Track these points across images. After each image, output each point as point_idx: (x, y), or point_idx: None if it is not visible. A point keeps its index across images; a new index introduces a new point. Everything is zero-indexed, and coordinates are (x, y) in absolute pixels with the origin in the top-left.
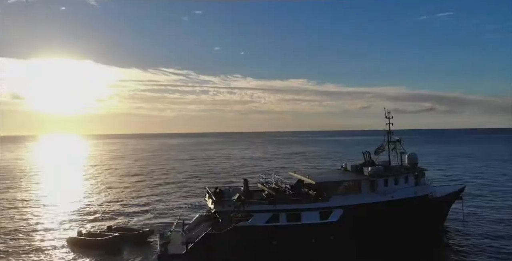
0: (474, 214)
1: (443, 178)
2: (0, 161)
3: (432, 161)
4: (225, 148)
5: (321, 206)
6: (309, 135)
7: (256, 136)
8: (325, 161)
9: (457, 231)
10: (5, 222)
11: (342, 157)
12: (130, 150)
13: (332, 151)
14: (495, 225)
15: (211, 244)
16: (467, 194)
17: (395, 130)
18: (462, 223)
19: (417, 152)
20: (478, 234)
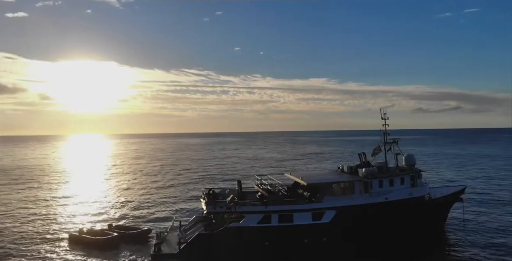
0: (476, 216)
1: (456, 179)
2: (24, 160)
3: (451, 163)
4: (241, 148)
5: (314, 207)
6: (329, 135)
7: (275, 136)
8: (339, 161)
9: (456, 233)
10: (12, 218)
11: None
12: (149, 150)
13: (350, 151)
14: (496, 227)
15: (203, 244)
16: (475, 195)
17: (419, 129)
18: (462, 225)
19: (437, 153)
20: (478, 236)
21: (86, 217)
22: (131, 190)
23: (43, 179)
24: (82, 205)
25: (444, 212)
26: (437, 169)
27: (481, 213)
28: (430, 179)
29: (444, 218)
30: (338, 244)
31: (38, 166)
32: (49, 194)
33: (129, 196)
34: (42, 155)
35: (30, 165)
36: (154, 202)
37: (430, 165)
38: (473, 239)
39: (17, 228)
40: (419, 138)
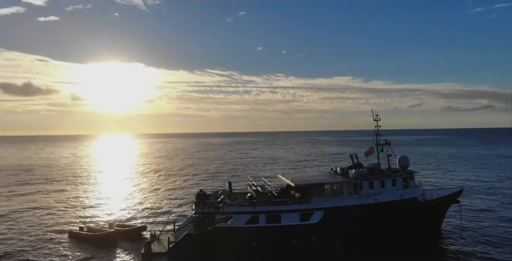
0: (474, 218)
1: (465, 181)
2: (51, 159)
3: (470, 164)
4: (259, 148)
5: (302, 208)
6: (352, 135)
7: (296, 136)
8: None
9: (452, 235)
10: (20, 214)
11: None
12: (170, 150)
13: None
14: (494, 229)
15: (191, 244)
16: (480, 197)
17: (448, 129)
18: (459, 227)
19: (457, 154)
20: (474, 238)
21: (90, 215)
22: (140, 189)
23: (62, 177)
24: (91, 202)
25: (439, 214)
26: (452, 171)
27: (481, 215)
28: (439, 181)
29: (439, 220)
30: (327, 244)
31: (61, 165)
32: (62, 191)
33: (137, 194)
34: (69, 154)
35: (54, 164)
36: (160, 201)
37: (446, 166)
38: (468, 242)
39: (22, 223)
40: (446, 138)
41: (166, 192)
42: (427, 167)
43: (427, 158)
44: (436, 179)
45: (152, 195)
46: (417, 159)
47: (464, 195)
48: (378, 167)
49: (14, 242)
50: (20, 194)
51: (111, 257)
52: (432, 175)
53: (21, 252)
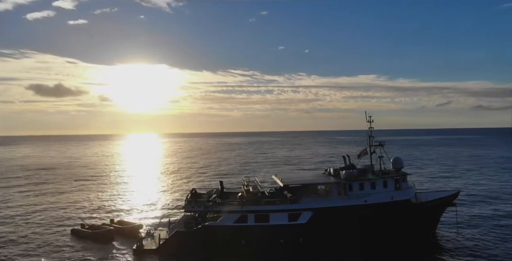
0: (470, 221)
1: (476, 184)
2: (74, 158)
3: (493, 166)
4: (275, 148)
5: (290, 208)
6: (377, 134)
7: (317, 135)
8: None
9: (447, 239)
10: (30, 211)
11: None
12: (190, 149)
13: (392, 151)
14: (491, 233)
15: (180, 241)
16: (487, 201)
17: (478, 128)
18: (455, 231)
19: (483, 155)
20: (471, 242)
21: (96, 212)
22: (150, 187)
23: (80, 175)
24: (101, 200)
25: (432, 217)
26: (465, 173)
27: (477, 219)
28: (448, 182)
29: (433, 223)
30: (315, 245)
31: (83, 164)
32: (76, 189)
33: (146, 192)
34: (93, 153)
35: (77, 162)
36: (166, 199)
37: (461, 167)
38: (463, 244)
39: (29, 220)
40: (474, 138)
41: (174, 190)
42: (440, 168)
43: (443, 158)
44: (445, 180)
45: (160, 193)
46: (433, 160)
47: (468, 198)
48: (371, 169)
49: (16, 238)
50: (35, 191)
51: (106, 253)
52: (442, 177)
53: (22, 249)
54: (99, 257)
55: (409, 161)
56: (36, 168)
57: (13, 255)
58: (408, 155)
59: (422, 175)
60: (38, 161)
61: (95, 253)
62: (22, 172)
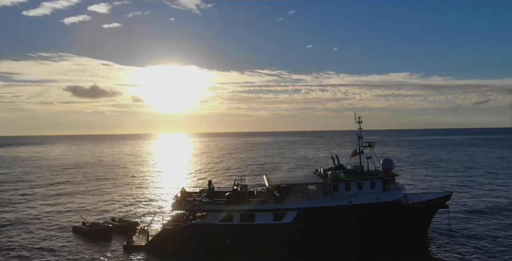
0: (465, 223)
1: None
2: (104, 157)
3: None
4: (298, 148)
5: (275, 208)
6: (407, 134)
7: (342, 135)
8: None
9: (438, 241)
10: (41, 206)
11: (414, 160)
12: (213, 148)
13: (413, 153)
14: (485, 236)
15: (168, 238)
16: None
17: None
18: (447, 233)
19: None
20: (462, 244)
21: (102, 210)
22: (163, 185)
23: (99, 174)
24: (110, 198)
25: (422, 219)
26: (484, 174)
27: (472, 221)
28: (460, 183)
29: (423, 225)
30: (299, 244)
31: (106, 163)
32: (90, 187)
33: (156, 190)
34: (120, 153)
35: (101, 162)
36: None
37: (484, 170)
38: (455, 248)
39: (39, 215)
40: (510, 138)
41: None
42: (453, 170)
43: (464, 160)
44: (457, 181)
45: (171, 191)
46: (450, 161)
47: (473, 201)
48: (360, 169)
49: (22, 232)
50: (52, 188)
51: (99, 249)
52: (454, 177)
53: (25, 245)
54: (91, 253)
55: (423, 161)
56: (62, 167)
57: (14, 246)
58: (421, 155)
59: (429, 176)
60: (67, 160)
61: (89, 248)
62: (49, 170)
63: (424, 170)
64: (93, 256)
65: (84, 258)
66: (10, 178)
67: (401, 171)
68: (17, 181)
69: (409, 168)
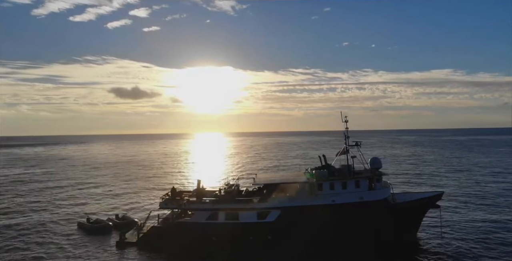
0: (455, 224)
1: None
2: (134, 155)
3: None
4: (324, 148)
5: (259, 207)
6: (447, 134)
7: (378, 135)
8: (420, 167)
9: (427, 242)
10: (55, 201)
11: (452, 162)
12: (242, 148)
13: (450, 156)
14: (478, 236)
15: (156, 236)
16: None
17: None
18: (439, 234)
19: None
20: (455, 246)
21: (112, 206)
22: (177, 182)
23: (123, 173)
24: (124, 195)
25: (410, 218)
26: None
27: (466, 221)
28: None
29: (411, 225)
30: (282, 243)
31: (135, 161)
32: (108, 184)
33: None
34: (154, 151)
35: (131, 160)
36: None
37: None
38: (446, 249)
39: (51, 210)
40: None
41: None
42: (472, 171)
43: (490, 161)
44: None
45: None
46: (472, 163)
47: (476, 204)
48: (346, 169)
49: (30, 225)
50: (72, 184)
51: (94, 244)
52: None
53: (27, 234)
54: (85, 247)
55: (439, 161)
56: (92, 165)
57: (18, 238)
58: (440, 155)
59: (440, 176)
60: (100, 158)
61: (85, 243)
62: (78, 167)
63: (440, 172)
64: (86, 250)
65: (76, 252)
66: (38, 175)
67: (416, 172)
68: (44, 177)
69: (425, 169)
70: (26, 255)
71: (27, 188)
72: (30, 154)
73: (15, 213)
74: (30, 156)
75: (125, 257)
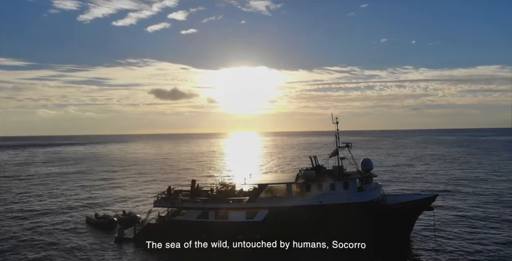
0: (448, 226)
1: None
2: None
3: None
4: (359, 149)
5: (247, 206)
6: (490, 133)
7: (416, 135)
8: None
9: (418, 245)
10: (71, 196)
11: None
12: (272, 147)
13: (483, 157)
14: (471, 239)
15: (151, 232)
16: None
17: None
18: (432, 237)
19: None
20: (448, 250)
21: (124, 203)
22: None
23: (146, 171)
24: (139, 192)
25: (401, 220)
26: None
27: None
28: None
29: (403, 227)
30: (270, 242)
31: (165, 159)
32: (127, 181)
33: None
34: (186, 150)
35: (161, 158)
36: None
37: None
38: (438, 253)
39: (65, 203)
40: None
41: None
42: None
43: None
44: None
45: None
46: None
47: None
48: (337, 170)
49: (42, 218)
50: (93, 180)
51: (96, 239)
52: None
53: (38, 228)
54: (86, 241)
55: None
56: (121, 164)
57: (27, 228)
58: (472, 156)
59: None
60: (132, 156)
61: (88, 237)
62: (109, 165)
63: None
64: (88, 243)
65: (77, 244)
66: (66, 172)
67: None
68: (73, 174)
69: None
70: (28, 240)
71: (53, 183)
72: (69, 153)
73: (35, 204)
74: (68, 155)
75: (120, 251)
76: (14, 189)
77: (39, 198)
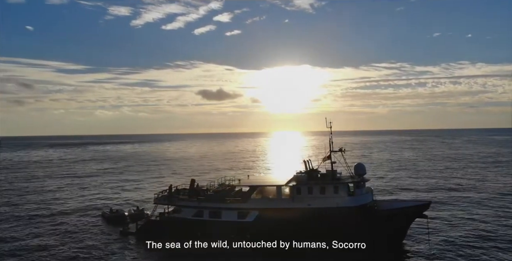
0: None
1: None
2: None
3: None
4: (395, 148)
5: (239, 207)
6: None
7: (468, 134)
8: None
9: (415, 252)
10: (92, 190)
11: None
12: (314, 147)
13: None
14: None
15: (151, 228)
16: None
17: None
18: (427, 244)
19: None
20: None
21: (140, 199)
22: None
23: (176, 169)
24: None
25: (390, 227)
26: None
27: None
28: None
29: (394, 233)
30: (260, 242)
31: (203, 158)
32: (153, 178)
33: None
34: (226, 150)
35: (199, 157)
36: None
37: None
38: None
39: (90, 198)
40: None
41: None
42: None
43: None
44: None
45: None
46: None
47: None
48: (330, 174)
49: (61, 212)
50: (119, 177)
51: (104, 231)
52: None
53: (57, 219)
54: (94, 233)
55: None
56: (156, 162)
57: (48, 219)
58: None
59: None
60: (170, 154)
61: (98, 230)
62: (144, 162)
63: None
64: (95, 234)
65: (86, 235)
66: (100, 170)
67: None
68: (105, 171)
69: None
70: (41, 226)
71: (85, 180)
72: (113, 151)
73: (64, 198)
74: (112, 153)
75: (123, 243)
76: (46, 187)
77: (68, 192)
